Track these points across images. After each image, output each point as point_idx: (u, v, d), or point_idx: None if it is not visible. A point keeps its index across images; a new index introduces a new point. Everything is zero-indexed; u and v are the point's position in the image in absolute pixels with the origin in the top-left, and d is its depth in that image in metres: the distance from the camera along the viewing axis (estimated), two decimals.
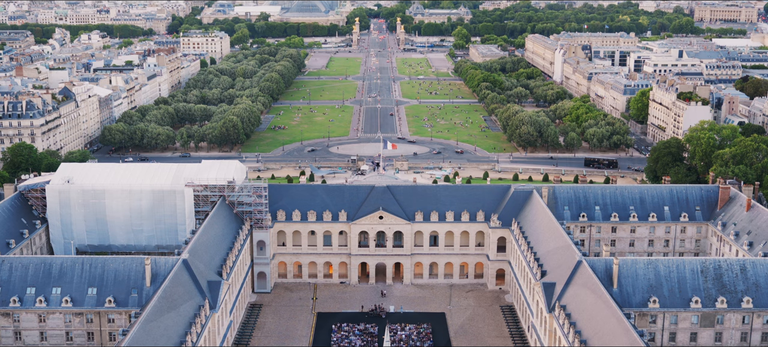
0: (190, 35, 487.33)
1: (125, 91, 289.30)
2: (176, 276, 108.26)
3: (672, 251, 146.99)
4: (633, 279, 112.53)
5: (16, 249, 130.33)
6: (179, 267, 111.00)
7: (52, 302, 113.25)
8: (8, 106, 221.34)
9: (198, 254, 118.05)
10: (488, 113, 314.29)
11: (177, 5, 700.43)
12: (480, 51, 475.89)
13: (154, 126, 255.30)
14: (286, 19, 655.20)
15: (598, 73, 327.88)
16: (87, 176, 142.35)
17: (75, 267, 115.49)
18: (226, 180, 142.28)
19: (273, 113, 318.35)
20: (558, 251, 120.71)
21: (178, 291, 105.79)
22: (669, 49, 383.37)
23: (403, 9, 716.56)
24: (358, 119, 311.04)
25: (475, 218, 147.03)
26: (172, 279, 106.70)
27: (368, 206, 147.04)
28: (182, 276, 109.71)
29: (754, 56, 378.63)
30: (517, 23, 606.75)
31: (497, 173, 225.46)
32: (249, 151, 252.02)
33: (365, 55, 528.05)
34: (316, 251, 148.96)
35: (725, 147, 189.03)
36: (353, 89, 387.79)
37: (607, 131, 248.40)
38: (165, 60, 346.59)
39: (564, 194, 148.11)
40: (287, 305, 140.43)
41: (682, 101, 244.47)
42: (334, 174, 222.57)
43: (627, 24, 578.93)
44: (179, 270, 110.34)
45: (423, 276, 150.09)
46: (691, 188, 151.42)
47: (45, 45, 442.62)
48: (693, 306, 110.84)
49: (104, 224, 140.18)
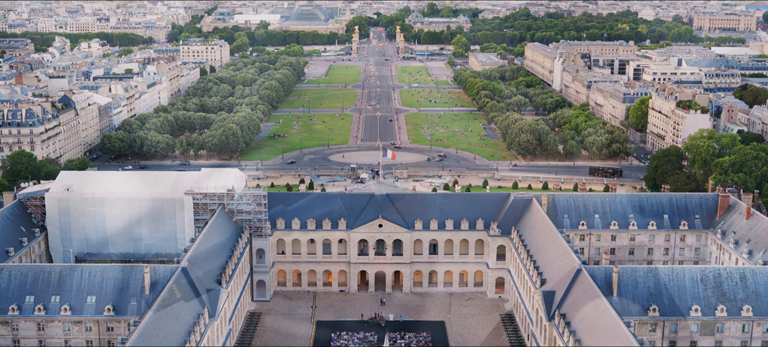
0: (189, 43, 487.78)
1: (125, 99, 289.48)
2: (175, 284, 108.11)
3: (671, 259, 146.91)
4: (633, 288, 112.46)
5: (15, 257, 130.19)
6: (178, 275, 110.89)
7: (51, 310, 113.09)
8: (8, 114, 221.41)
9: (197, 262, 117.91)
10: (487, 121, 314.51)
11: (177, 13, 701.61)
12: (479, 59, 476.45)
13: (154, 134, 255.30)
14: (286, 27, 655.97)
15: (597, 82, 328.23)
16: (86, 185, 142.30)
17: (74, 275, 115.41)
18: (225, 188, 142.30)
19: (272, 121, 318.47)
20: (557, 260, 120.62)
21: (178, 299, 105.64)
22: (668, 58, 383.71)
23: (403, 17, 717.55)
24: (357, 127, 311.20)
25: (475, 226, 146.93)
26: (172, 287, 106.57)
27: (367, 214, 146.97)
28: (181, 284, 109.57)
29: (753, 65, 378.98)
30: (517, 32, 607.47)
31: (497, 181, 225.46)
32: (248, 159, 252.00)
33: (365, 63, 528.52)
34: (316, 260, 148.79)
35: (724, 155, 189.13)
36: (353, 97, 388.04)
37: (606, 140, 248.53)
38: (165, 68, 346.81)
39: (563, 202, 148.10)
40: (286, 313, 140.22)
41: (682, 110, 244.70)
42: (333, 182, 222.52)
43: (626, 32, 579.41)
44: (178, 278, 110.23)
45: (422, 284, 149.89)
46: (691, 196, 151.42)
47: (45, 53, 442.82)
48: (693, 314, 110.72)
49: (103, 232, 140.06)
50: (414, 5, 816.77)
